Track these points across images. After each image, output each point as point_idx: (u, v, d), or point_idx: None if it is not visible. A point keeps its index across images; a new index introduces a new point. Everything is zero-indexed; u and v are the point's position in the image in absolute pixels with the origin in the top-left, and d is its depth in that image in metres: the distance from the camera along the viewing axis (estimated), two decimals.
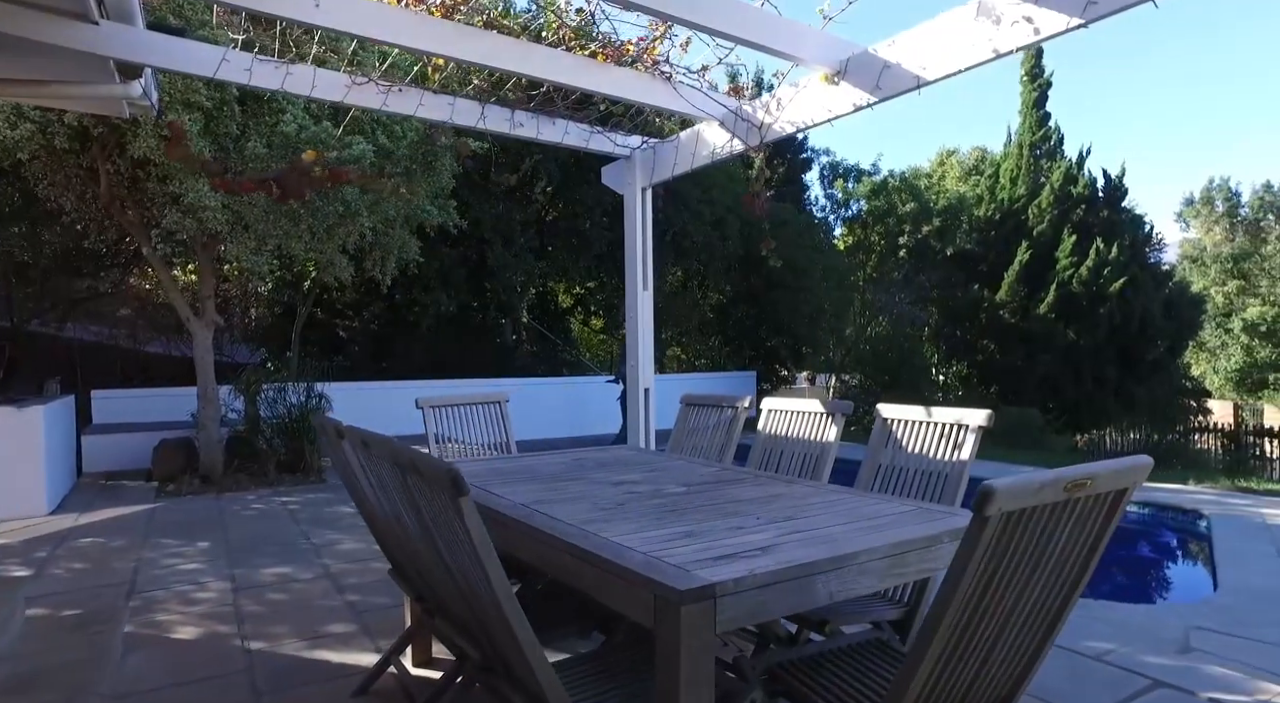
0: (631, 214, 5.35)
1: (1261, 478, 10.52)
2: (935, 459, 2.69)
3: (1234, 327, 34.28)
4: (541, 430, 13.68)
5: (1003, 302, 17.84)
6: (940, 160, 26.33)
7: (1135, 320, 17.34)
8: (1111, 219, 18.26)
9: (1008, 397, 17.40)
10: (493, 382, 13.50)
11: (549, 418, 13.94)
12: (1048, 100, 19.23)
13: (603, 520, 2.26)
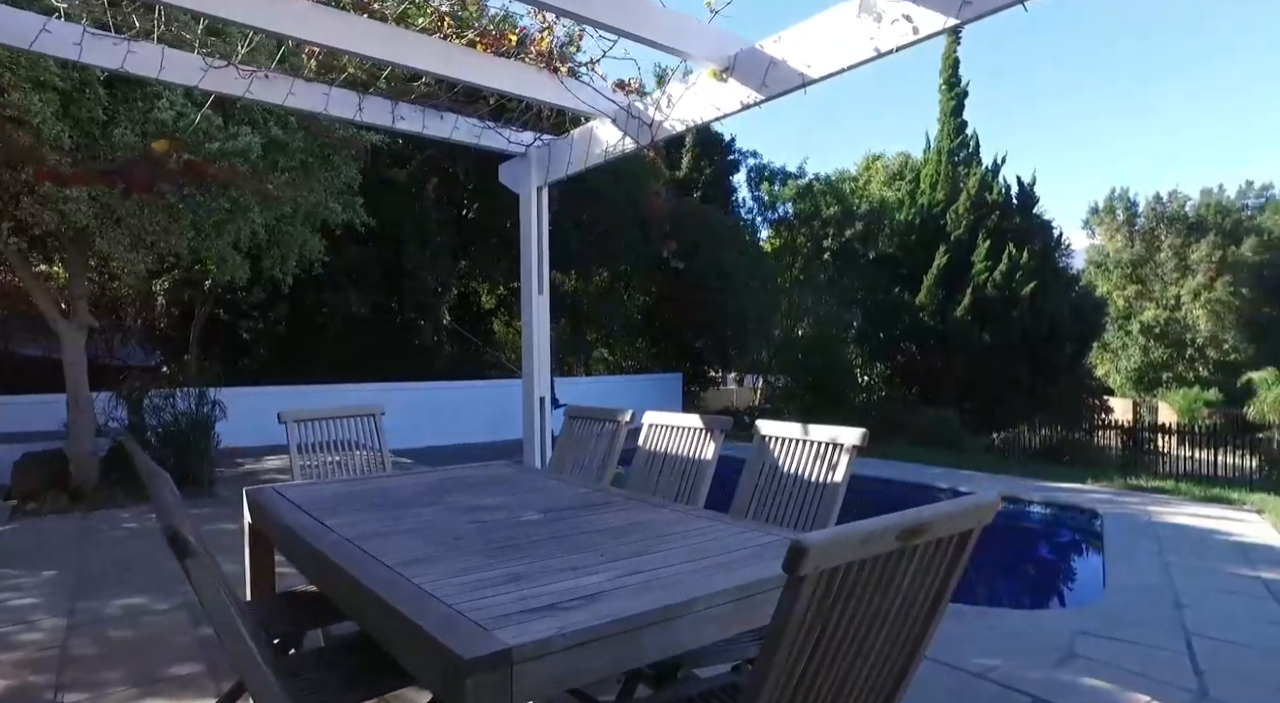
0: (527, 214, 5.09)
1: (1151, 475, 10.97)
2: (810, 480, 2.54)
3: (1133, 328, 36.25)
4: (462, 435, 13.26)
5: (922, 304, 18.26)
6: (866, 165, 26.87)
7: (1045, 323, 18.00)
8: (1023, 225, 18.91)
9: (928, 397, 17.82)
10: (409, 386, 13.02)
11: (470, 422, 13.52)
12: (964, 109, 19.79)
13: (429, 559, 2.01)
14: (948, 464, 10.66)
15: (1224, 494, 8.45)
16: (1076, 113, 72.03)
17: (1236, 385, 29.75)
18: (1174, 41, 64.11)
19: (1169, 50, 64.07)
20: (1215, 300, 36.08)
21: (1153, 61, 66.43)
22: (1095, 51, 72.06)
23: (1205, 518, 7.27)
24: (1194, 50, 64.00)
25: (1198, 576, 5.31)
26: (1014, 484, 9.06)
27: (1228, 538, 6.49)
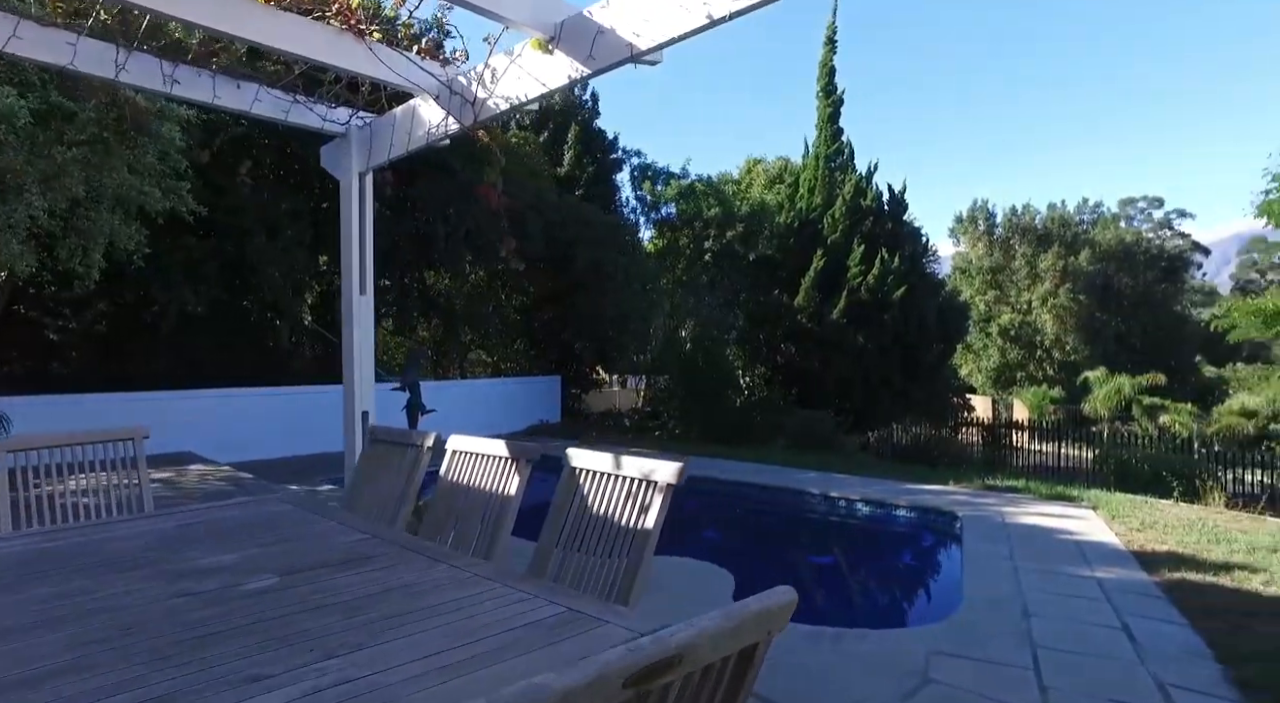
0: (348, 203, 4.44)
1: (1007, 473, 11.45)
2: (620, 525, 2.12)
3: (992, 331, 38.90)
4: (324, 443, 12.15)
5: (801, 307, 18.55)
6: (748, 168, 27.25)
7: (914, 326, 18.69)
8: (895, 231, 19.59)
9: (806, 398, 18.11)
10: (261, 391, 11.84)
11: (327, 428, 12.44)
12: (840, 116, 20.29)
13: (58, 671, 1.43)
14: (821, 467, 10.68)
15: (1065, 492, 8.81)
16: (946, 127, 76.95)
17: (1076, 384, 32.26)
18: (1035, 67, 69.55)
19: (1029, 74, 69.48)
20: (1059, 306, 39.19)
21: (1017, 83, 71.83)
22: (967, 70, 77.24)
23: (1050, 517, 7.50)
24: (1049, 78, 69.69)
25: (1043, 580, 5.33)
26: (883, 487, 9.12)
27: (1069, 538, 6.66)
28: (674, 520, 7.64)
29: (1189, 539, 6.59)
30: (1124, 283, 41.16)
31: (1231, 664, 3.97)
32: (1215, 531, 6.98)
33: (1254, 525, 7.53)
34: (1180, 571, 5.57)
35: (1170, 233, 52.26)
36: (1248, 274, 66.20)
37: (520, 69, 3.26)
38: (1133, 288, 41.16)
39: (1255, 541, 6.67)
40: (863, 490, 8.89)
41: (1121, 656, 4.07)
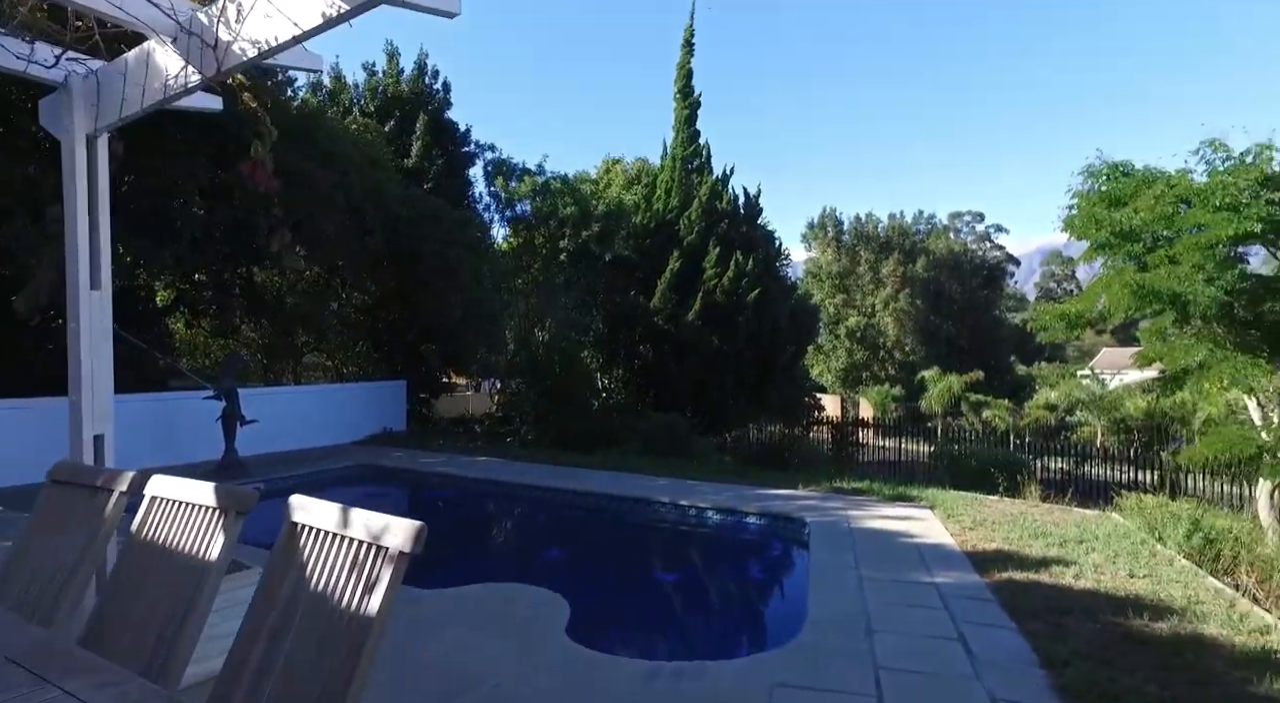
0: (70, 172, 3.52)
1: (853, 473, 11.72)
2: (339, 607, 1.54)
3: (840, 333, 41.15)
4: (120, 459, 10.50)
5: (657, 308, 18.43)
6: (606, 168, 26.99)
7: (768, 327, 19.08)
8: (750, 234, 19.94)
9: (664, 401, 17.99)
10: (22, 403, 10.01)
11: (131, 443, 10.77)
12: (697, 119, 20.43)
13: None
14: (674, 473, 10.42)
15: (906, 492, 9.04)
16: (801, 136, 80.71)
17: (914, 382, 34.61)
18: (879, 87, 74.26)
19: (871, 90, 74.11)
20: (899, 309, 42.07)
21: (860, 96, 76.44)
22: (821, 79, 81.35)
23: (893, 520, 7.58)
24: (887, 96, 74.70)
25: (886, 590, 5.23)
26: (734, 493, 8.96)
27: (909, 541, 6.71)
28: (511, 541, 7.00)
29: (1013, 536, 6.81)
30: (954, 289, 44.79)
31: (1054, 669, 3.94)
32: (1034, 525, 7.28)
33: (1064, 517, 7.98)
34: (1007, 570, 5.66)
35: (990, 245, 57.63)
36: (1048, 283, 74.98)
37: (270, 5, 2.58)
38: (961, 294, 44.90)
39: (1066, 533, 7.01)
40: (714, 498, 8.68)
41: (959, 671, 3.93)
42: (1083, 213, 9.06)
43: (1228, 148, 8.69)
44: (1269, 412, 9.26)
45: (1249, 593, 5.70)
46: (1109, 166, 9.16)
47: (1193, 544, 6.60)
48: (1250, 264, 9.50)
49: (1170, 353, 8.94)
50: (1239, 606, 5.04)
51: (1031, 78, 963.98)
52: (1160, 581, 5.47)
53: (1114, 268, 9.22)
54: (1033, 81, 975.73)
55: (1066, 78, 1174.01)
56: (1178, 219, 8.33)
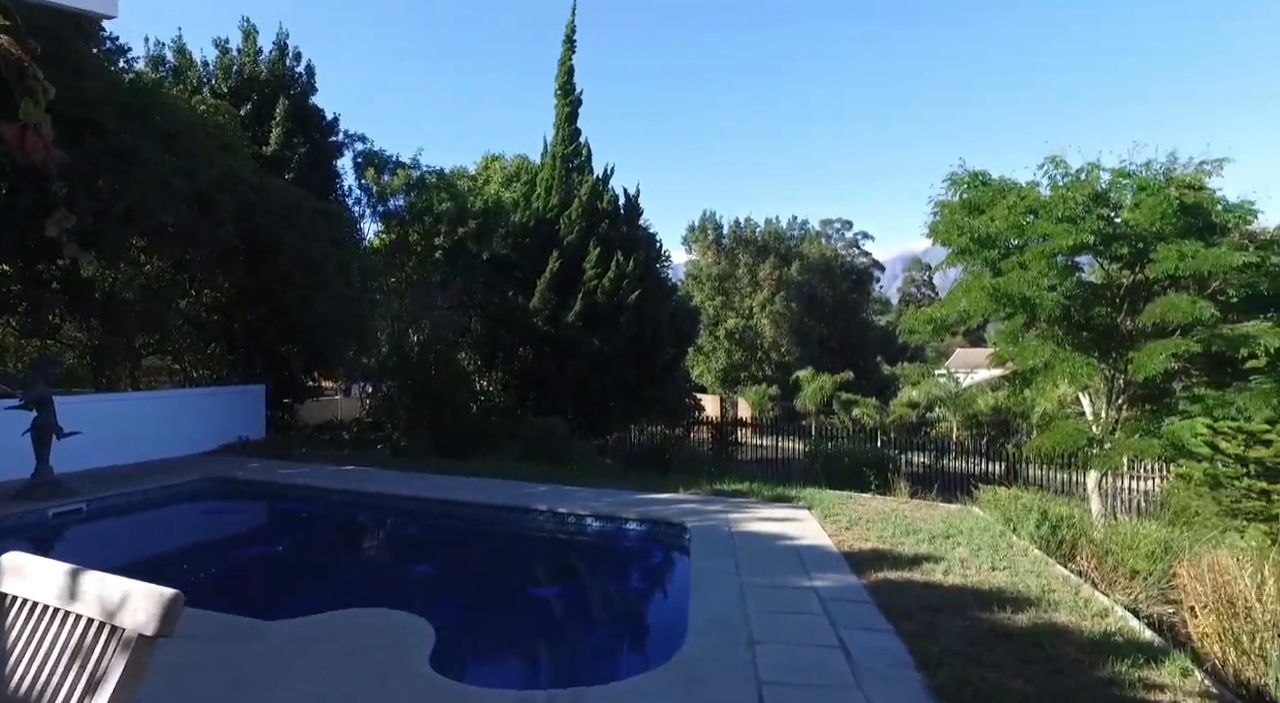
0: None
1: (733, 474, 11.83)
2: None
3: (720, 334, 42.13)
4: None
5: (537, 309, 18.01)
6: (485, 164, 26.23)
7: (649, 329, 19.07)
8: (630, 235, 19.87)
9: (544, 404, 17.59)
10: None
11: None
12: (578, 117, 20.14)
13: None
14: (553, 479, 10.11)
15: (785, 492, 9.16)
16: (682, 139, 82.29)
17: (790, 382, 35.90)
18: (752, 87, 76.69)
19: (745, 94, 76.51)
20: (775, 311, 43.58)
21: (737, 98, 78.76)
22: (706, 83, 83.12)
23: (772, 522, 7.62)
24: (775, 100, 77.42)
25: (767, 597, 5.17)
26: (614, 499, 8.75)
27: (789, 543, 6.73)
28: (375, 560, 6.40)
29: (886, 534, 6.99)
30: (825, 293, 46.92)
31: (929, 671, 3.97)
32: (905, 523, 7.53)
33: (930, 513, 8.33)
34: (883, 569, 5.76)
35: (857, 251, 60.93)
36: (910, 288, 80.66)
37: None
38: (832, 297, 47.10)
39: (934, 528, 7.29)
40: (594, 504, 8.43)
41: (840, 680, 3.88)
42: (945, 219, 9.53)
43: (1066, 164, 9.39)
44: (1099, 408, 10.09)
45: (1089, 578, 6.09)
46: (969, 175, 9.69)
47: (1042, 534, 7.01)
48: (1084, 272, 10.32)
49: (1021, 353, 9.55)
50: (1083, 592, 5.35)
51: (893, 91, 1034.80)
52: (1018, 572, 5.74)
53: (973, 273, 9.75)
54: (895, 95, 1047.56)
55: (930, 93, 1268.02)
56: (1027, 228, 8.90)
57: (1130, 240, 8.55)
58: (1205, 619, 4.67)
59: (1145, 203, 8.46)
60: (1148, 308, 8.76)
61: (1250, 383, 8.90)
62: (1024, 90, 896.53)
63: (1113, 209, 8.97)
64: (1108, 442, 9.32)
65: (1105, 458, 9.39)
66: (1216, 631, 4.55)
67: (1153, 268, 8.39)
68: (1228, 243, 8.47)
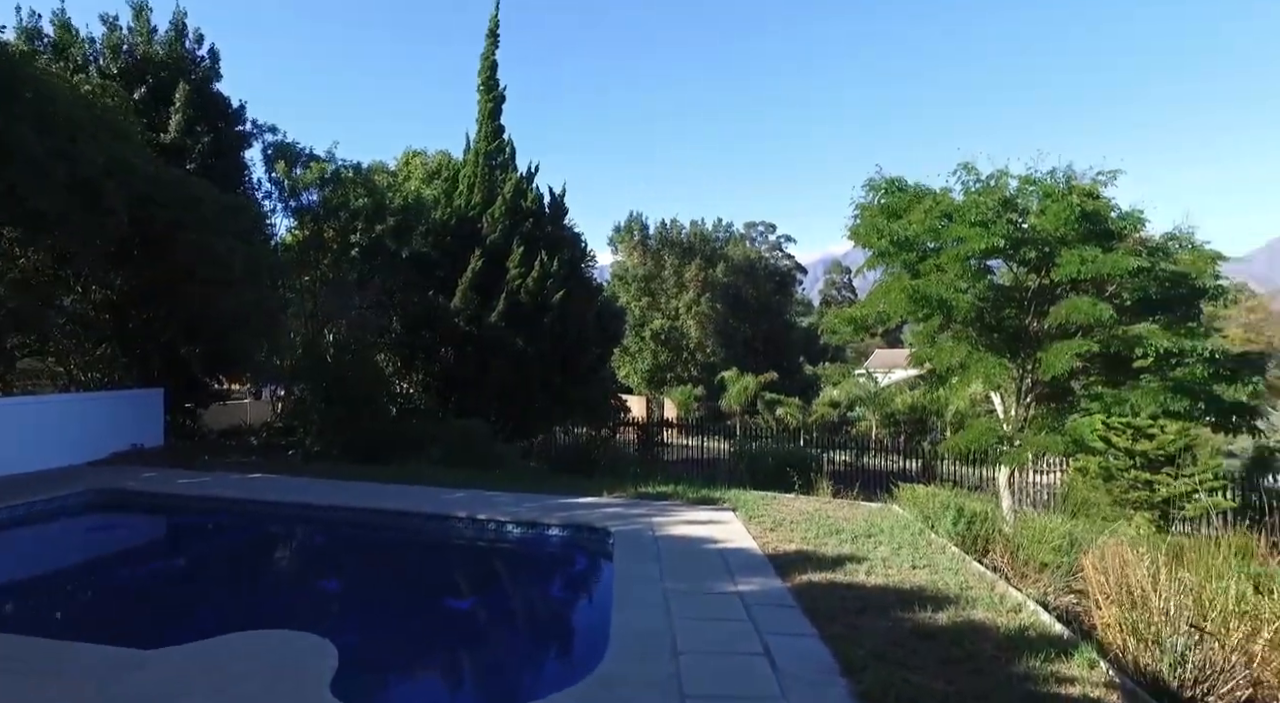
0: None
1: (658, 476, 11.75)
2: None
3: (646, 335, 42.21)
4: None
5: (459, 309, 17.52)
6: (406, 160, 25.41)
7: (574, 329, 18.83)
8: (555, 234, 19.59)
9: (467, 406, 17.12)
10: None
11: None
12: (502, 113, 19.73)
13: None
14: (474, 484, 9.77)
15: (710, 494, 9.13)
16: (611, 136, 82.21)
17: (715, 382, 36.31)
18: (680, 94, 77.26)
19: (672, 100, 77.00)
20: (701, 312, 44.00)
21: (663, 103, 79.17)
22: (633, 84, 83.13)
23: (697, 524, 7.54)
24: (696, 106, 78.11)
25: (692, 604, 5.06)
26: (536, 504, 8.51)
27: (714, 547, 6.66)
28: (279, 576, 5.94)
29: (810, 535, 7.01)
30: (750, 294, 47.68)
31: (853, 676, 3.93)
32: (828, 523, 7.59)
33: (853, 512, 8.44)
34: (807, 571, 5.74)
35: (781, 254, 62.27)
36: (831, 290, 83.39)
37: None
38: (756, 299, 47.91)
39: (856, 528, 7.37)
40: (514, 510, 8.18)
41: (766, 691, 3.79)
42: (865, 223, 9.70)
43: (977, 171, 9.71)
44: (1009, 406, 10.48)
45: (1003, 573, 6.26)
46: (886, 181, 9.90)
47: (958, 531, 7.18)
48: (995, 276, 10.70)
49: (938, 354, 9.81)
50: (998, 587, 5.47)
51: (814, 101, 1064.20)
52: (937, 570, 5.83)
53: (892, 275, 9.96)
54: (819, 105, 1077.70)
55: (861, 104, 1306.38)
56: (943, 232, 9.14)
57: (1037, 245, 8.89)
58: (1108, 610, 4.83)
59: (1050, 209, 8.81)
60: (1054, 309, 9.13)
61: (1141, 381, 9.41)
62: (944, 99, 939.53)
63: (1020, 215, 9.32)
64: (1017, 439, 9.67)
65: (1015, 455, 9.75)
66: (1118, 621, 4.71)
67: (1057, 271, 8.74)
68: (1123, 248, 8.92)
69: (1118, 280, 8.89)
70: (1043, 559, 6.63)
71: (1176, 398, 8.93)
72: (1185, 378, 8.95)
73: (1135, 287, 8.96)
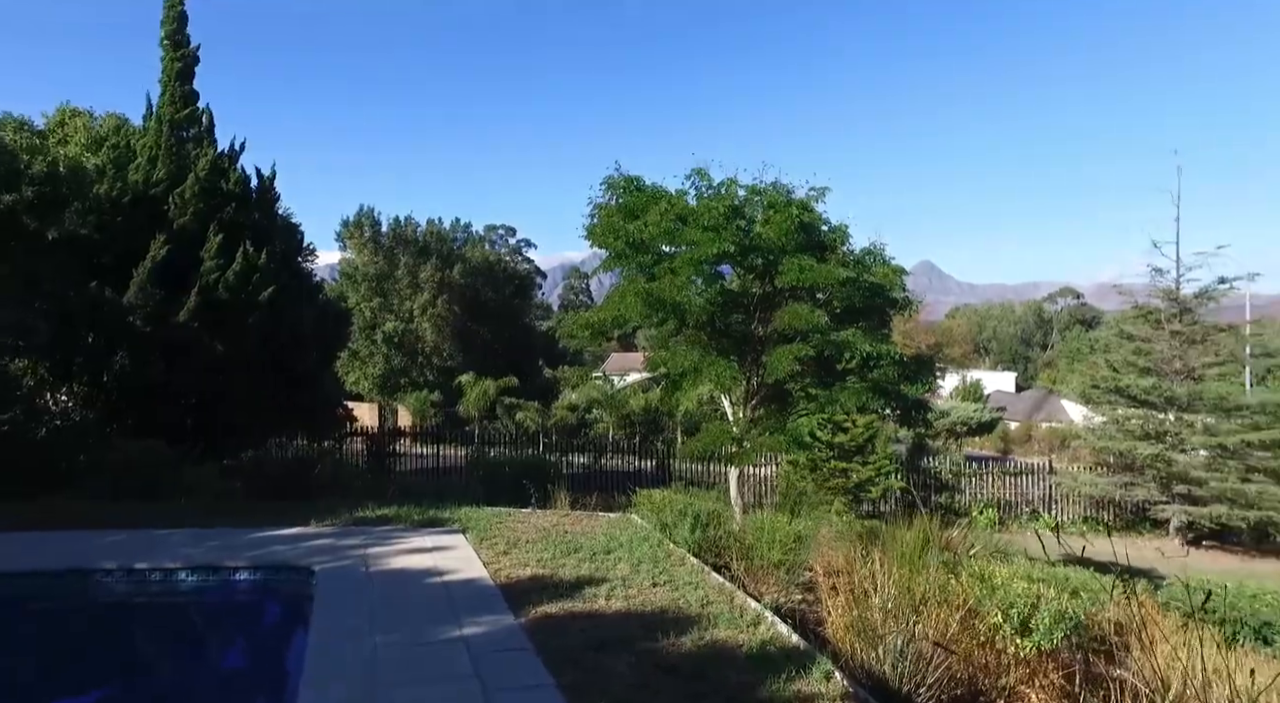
0: None
1: (387, 493, 10.46)
2: None
3: (378, 338, 39.27)
4: None
5: (136, 304, 14.41)
6: (63, 118, 20.60)
7: (288, 331, 16.50)
8: (265, 223, 17.06)
9: (151, 422, 14.08)
10: None
11: None
12: (195, 76, 16.74)
13: None
14: (144, 521, 7.79)
15: (439, 514, 8.20)
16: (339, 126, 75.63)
17: (453, 387, 34.87)
18: None
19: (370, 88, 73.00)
20: (437, 315, 41.99)
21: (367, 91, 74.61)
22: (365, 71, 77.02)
23: (421, 553, 6.61)
24: None
25: (407, 661, 4.21)
26: (221, 541, 6.94)
27: (439, 580, 5.82)
28: None
29: (547, 556, 6.46)
30: (489, 297, 46.65)
31: None
32: (566, 540, 7.11)
33: (592, 525, 8.09)
34: (543, 602, 5.14)
35: (520, 258, 62.13)
36: (569, 295, 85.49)
37: None
38: (496, 302, 47.01)
39: (595, 543, 6.98)
40: (189, 552, 6.58)
41: None
42: (603, 222, 9.48)
43: (709, 177, 9.98)
44: (737, 408, 10.96)
45: (740, 580, 6.23)
46: (625, 179, 9.78)
47: (695, 538, 7.12)
48: (726, 281, 11.13)
49: (673, 358, 9.89)
50: (737, 600, 5.35)
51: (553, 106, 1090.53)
52: (678, 586, 5.58)
53: (629, 278, 9.86)
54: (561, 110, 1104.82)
55: None
56: (677, 235, 9.20)
57: (763, 252, 9.31)
58: (837, 615, 4.90)
59: (774, 219, 9.29)
60: (778, 314, 9.63)
61: (847, 382, 10.33)
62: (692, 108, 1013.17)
63: (748, 222, 9.73)
64: (747, 440, 10.08)
65: (744, 456, 10.16)
66: (847, 622, 4.78)
67: (780, 278, 9.23)
68: (834, 259, 9.69)
69: (830, 289, 9.62)
70: (774, 559, 6.76)
71: (875, 397, 9.91)
72: (880, 379, 9.96)
73: (844, 296, 9.77)
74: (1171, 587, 8.26)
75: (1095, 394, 20.65)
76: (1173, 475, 17.28)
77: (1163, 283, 19.01)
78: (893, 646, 4.39)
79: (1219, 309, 20.16)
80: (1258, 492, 16.21)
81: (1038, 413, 48.66)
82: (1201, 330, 18.91)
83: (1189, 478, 17.02)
